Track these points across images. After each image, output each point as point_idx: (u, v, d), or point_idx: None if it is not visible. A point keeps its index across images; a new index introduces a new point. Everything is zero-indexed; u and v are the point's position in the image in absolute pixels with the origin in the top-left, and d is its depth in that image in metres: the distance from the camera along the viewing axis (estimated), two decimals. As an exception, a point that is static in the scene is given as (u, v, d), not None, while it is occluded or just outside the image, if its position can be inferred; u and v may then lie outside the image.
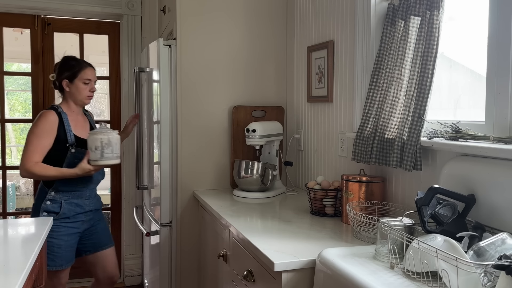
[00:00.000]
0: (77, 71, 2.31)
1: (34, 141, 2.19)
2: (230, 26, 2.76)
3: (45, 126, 2.22)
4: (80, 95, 2.35)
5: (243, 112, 2.76)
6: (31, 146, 2.18)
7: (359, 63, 2.11)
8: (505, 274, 0.94)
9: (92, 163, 2.22)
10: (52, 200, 2.27)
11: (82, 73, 2.32)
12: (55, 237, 2.25)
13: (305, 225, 1.90)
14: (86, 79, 2.33)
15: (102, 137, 2.22)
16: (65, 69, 2.32)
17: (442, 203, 1.36)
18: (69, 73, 2.31)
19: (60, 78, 2.33)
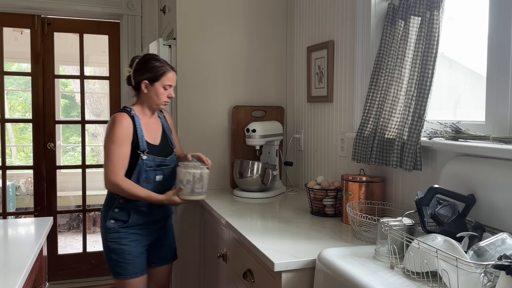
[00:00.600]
0: (161, 74, 2.06)
1: (115, 150, 1.98)
2: (230, 26, 2.76)
3: (122, 132, 2.00)
4: (158, 100, 2.09)
5: (243, 112, 2.75)
6: (114, 156, 1.98)
7: (359, 63, 2.11)
8: (505, 274, 0.94)
9: (182, 197, 2.05)
10: (121, 208, 2.06)
11: (165, 77, 2.07)
12: (125, 243, 2.06)
13: (305, 225, 1.90)
14: (167, 84, 2.08)
15: (195, 172, 2.06)
16: (148, 69, 2.06)
17: (442, 203, 1.36)
18: (151, 75, 2.06)
19: (139, 78, 2.08)
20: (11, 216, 4.54)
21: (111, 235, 2.06)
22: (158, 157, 2.08)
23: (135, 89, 2.12)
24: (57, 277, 3.73)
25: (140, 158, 2.03)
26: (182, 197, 2.05)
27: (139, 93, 2.11)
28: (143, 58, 2.12)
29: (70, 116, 6.78)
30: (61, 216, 5.51)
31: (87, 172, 3.82)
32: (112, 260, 2.07)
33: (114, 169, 1.97)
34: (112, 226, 2.06)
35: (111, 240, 2.06)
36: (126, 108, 2.10)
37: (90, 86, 6.65)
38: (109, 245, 2.06)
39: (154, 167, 2.08)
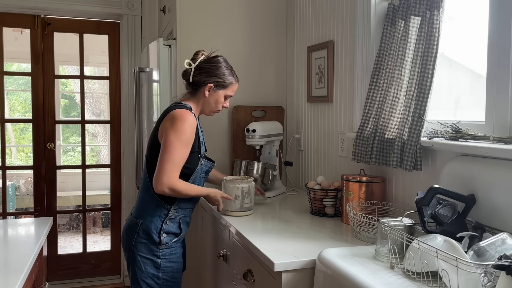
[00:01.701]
0: (229, 83, 1.93)
1: (180, 151, 1.76)
2: (230, 26, 2.76)
3: (191, 131, 1.80)
4: (213, 107, 1.95)
5: (243, 112, 2.75)
6: (177, 157, 1.76)
7: (359, 63, 2.11)
8: (505, 274, 0.94)
9: (230, 213, 1.99)
10: (172, 219, 1.86)
11: (231, 88, 1.95)
12: (175, 261, 1.89)
13: (305, 225, 1.90)
14: (229, 95, 1.96)
15: (243, 186, 2.00)
16: (218, 74, 1.90)
17: (442, 203, 1.36)
18: (220, 81, 1.90)
19: (205, 79, 1.89)
20: (11, 216, 4.54)
21: (163, 252, 1.84)
22: (209, 162, 1.96)
23: (192, 86, 1.93)
24: (57, 277, 3.73)
25: (200, 163, 1.88)
26: (232, 213, 2.00)
27: (196, 92, 1.93)
28: (214, 58, 1.94)
29: (70, 116, 6.78)
30: (61, 216, 5.51)
31: (87, 172, 3.82)
32: (159, 279, 1.84)
33: (173, 170, 1.75)
34: (166, 241, 1.84)
35: (162, 257, 1.84)
36: (184, 104, 1.89)
37: (90, 86, 6.65)
38: (160, 262, 1.84)
39: (205, 173, 1.96)
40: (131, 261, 1.86)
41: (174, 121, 1.78)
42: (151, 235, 1.82)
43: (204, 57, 1.93)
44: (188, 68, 1.92)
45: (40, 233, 1.86)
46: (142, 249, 1.82)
